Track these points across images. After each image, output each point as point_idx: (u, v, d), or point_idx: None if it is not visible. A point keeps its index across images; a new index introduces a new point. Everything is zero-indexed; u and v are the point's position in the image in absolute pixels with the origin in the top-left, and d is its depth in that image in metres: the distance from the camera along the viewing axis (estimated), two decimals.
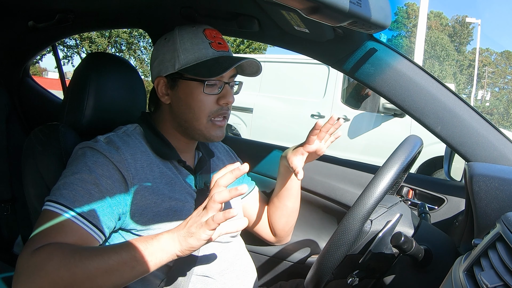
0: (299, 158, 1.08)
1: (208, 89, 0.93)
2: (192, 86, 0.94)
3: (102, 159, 0.86)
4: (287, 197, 1.17)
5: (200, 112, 0.94)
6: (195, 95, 0.94)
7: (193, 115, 0.95)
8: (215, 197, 0.73)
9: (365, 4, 0.71)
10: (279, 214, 1.20)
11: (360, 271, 0.86)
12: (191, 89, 0.94)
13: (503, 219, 0.65)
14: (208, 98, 0.94)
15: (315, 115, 4.70)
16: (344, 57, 1.09)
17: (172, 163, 0.97)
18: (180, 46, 0.94)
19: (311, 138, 1.08)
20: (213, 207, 0.73)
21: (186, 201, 0.94)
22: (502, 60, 36.51)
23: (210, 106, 0.95)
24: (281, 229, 1.22)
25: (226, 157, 1.17)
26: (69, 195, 0.80)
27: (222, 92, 0.95)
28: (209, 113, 0.95)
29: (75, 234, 0.78)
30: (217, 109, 0.95)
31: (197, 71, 0.92)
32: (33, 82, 1.91)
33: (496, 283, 0.56)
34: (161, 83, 0.97)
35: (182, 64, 0.93)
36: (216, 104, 0.95)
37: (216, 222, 0.72)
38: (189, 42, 0.94)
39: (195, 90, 0.94)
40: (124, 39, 19.81)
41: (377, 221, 0.87)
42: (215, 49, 0.94)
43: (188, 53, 0.93)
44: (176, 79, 0.95)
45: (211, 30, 0.97)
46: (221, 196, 0.73)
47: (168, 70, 0.95)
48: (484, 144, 0.97)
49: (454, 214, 1.15)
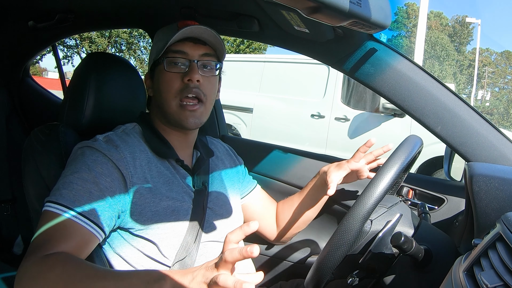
0: (340, 173, 1.05)
1: (172, 67, 0.95)
2: (160, 69, 0.97)
3: (101, 157, 0.86)
4: (312, 208, 1.18)
5: (167, 93, 0.95)
6: (162, 77, 0.96)
7: (163, 99, 0.96)
8: (226, 256, 0.62)
9: (365, 4, 0.71)
10: (293, 219, 1.19)
11: (360, 271, 0.86)
12: (160, 72, 0.97)
13: (503, 219, 0.65)
14: (173, 77, 0.94)
15: (315, 115, 4.70)
16: (344, 57, 1.09)
17: (170, 162, 0.97)
18: (156, 39, 1.01)
19: (359, 155, 1.07)
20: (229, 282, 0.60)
21: (183, 201, 0.94)
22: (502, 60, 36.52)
23: (176, 85, 0.94)
24: (289, 232, 1.22)
25: (226, 157, 1.17)
26: (69, 195, 0.81)
27: (187, 70, 0.95)
28: (175, 93, 0.94)
29: (76, 233, 0.79)
30: (183, 87, 0.94)
31: (159, 54, 0.96)
32: (33, 82, 1.91)
33: (496, 283, 0.56)
34: (147, 78, 1.03)
35: (156, 53, 0.98)
36: (182, 83, 0.94)
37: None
38: (162, 33, 1.00)
39: (161, 72, 0.96)
40: (124, 39, 19.83)
41: (377, 221, 0.87)
42: (180, 29, 0.94)
43: (160, 42, 0.98)
44: (153, 69, 1.00)
45: (186, 21, 0.97)
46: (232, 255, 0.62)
47: (150, 64, 1.01)
48: (484, 144, 0.97)
49: (454, 214, 1.15)
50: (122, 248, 0.90)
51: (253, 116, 5.11)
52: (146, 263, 0.89)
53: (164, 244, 0.89)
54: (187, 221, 0.93)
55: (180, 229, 0.92)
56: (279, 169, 1.41)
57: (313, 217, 1.20)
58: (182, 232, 0.92)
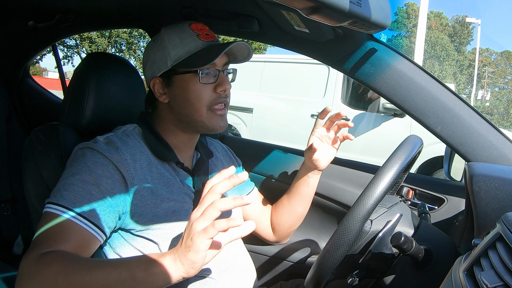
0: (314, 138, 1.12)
1: (204, 78, 0.94)
2: (187, 79, 0.94)
3: (102, 159, 0.86)
4: (300, 203, 1.18)
5: (198, 103, 0.95)
6: (191, 87, 0.94)
7: (192, 108, 0.95)
8: (217, 204, 0.68)
9: (365, 4, 0.71)
10: (286, 217, 1.20)
11: (360, 271, 0.86)
12: (186, 82, 0.95)
13: (503, 219, 0.65)
14: (205, 88, 0.95)
15: (315, 115, 4.70)
16: (344, 57, 1.09)
17: (170, 165, 0.97)
18: (169, 43, 0.95)
19: (318, 122, 1.11)
20: (211, 214, 0.68)
21: (184, 202, 0.94)
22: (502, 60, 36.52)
23: (208, 95, 0.95)
24: (284, 230, 1.22)
25: (224, 157, 1.17)
26: (70, 196, 0.81)
27: (218, 80, 0.96)
28: (208, 102, 0.95)
29: (77, 234, 0.79)
30: (215, 97, 0.95)
31: (189, 63, 0.93)
32: (33, 82, 1.91)
33: (496, 283, 0.56)
34: (156, 83, 0.98)
35: (174, 60, 0.95)
36: (213, 93, 0.95)
37: (217, 229, 0.66)
38: (177, 37, 0.95)
39: (190, 83, 0.94)
40: (124, 39, 19.83)
41: (377, 221, 0.87)
42: (203, 40, 0.95)
43: (178, 48, 0.95)
44: (170, 76, 0.96)
45: (196, 24, 0.98)
46: (224, 203, 0.68)
47: (161, 69, 0.96)
48: (484, 144, 0.97)
49: (454, 214, 1.15)
50: (123, 249, 0.90)
51: (253, 116, 5.11)
52: None
53: (165, 244, 0.89)
54: (187, 222, 0.93)
55: (180, 229, 0.92)
56: (279, 169, 1.41)
57: (305, 212, 1.20)
58: (183, 232, 0.92)
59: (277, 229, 1.22)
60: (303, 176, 1.16)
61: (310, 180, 1.15)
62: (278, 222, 1.22)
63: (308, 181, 1.15)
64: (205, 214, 0.69)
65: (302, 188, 1.16)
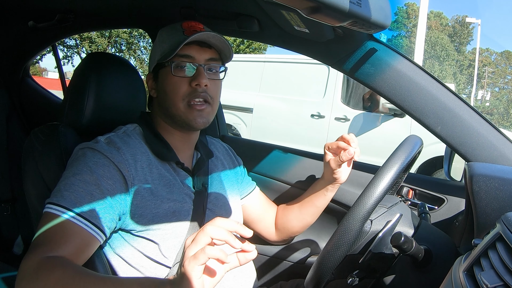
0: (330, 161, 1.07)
1: (179, 71, 0.95)
2: (166, 72, 0.96)
3: (103, 159, 0.86)
4: (312, 214, 1.18)
5: (174, 95, 0.95)
6: (168, 80, 0.96)
7: (170, 101, 0.96)
8: (207, 229, 0.64)
9: (365, 4, 0.71)
10: (294, 223, 1.20)
11: (360, 271, 0.86)
12: (166, 75, 0.97)
13: (503, 219, 0.65)
14: (181, 81, 0.95)
15: (315, 115, 4.70)
16: (344, 57, 1.09)
17: (170, 165, 0.97)
18: (159, 40, 1.00)
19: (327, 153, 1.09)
20: (202, 240, 0.63)
21: (184, 202, 0.94)
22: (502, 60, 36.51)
23: (184, 89, 0.95)
24: (288, 234, 1.23)
25: (225, 157, 1.17)
26: (70, 197, 0.80)
27: (194, 74, 0.95)
28: (183, 96, 0.95)
29: (76, 235, 0.78)
30: (191, 91, 0.95)
31: (165, 57, 0.95)
32: (33, 82, 1.91)
33: (496, 283, 0.56)
34: (149, 79, 1.02)
35: (159, 55, 0.97)
36: (189, 87, 0.95)
37: (207, 255, 0.61)
38: (166, 34, 0.99)
39: (168, 76, 0.96)
40: (124, 39, 19.81)
41: (377, 221, 0.87)
42: (187, 35, 0.94)
43: (164, 43, 0.97)
44: (157, 71, 0.99)
45: (189, 22, 0.99)
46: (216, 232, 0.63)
47: (152, 64, 1.00)
48: (484, 144, 0.97)
49: (454, 214, 1.15)
50: (123, 249, 0.90)
51: (253, 116, 5.11)
52: (147, 263, 0.89)
53: (165, 245, 0.89)
54: (187, 222, 0.93)
55: (180, 230, 0.92)
56: (279, 169, 1.41)
57: (313, 221, 1.21)
58: (183, 233, 0.92)
59: (282, 231, 1.23)
60: (321, 189, 1.15)
61: (328, 193, 1.15)
62: (284, 226, 1.22)
63: (326, 194, 1.15)
64: (196, 240, 0.64)
65: (318, 201, 1.16)
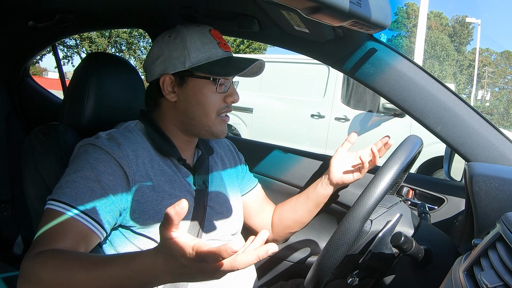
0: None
1: (219, 87, 0.96)
2: (203, 84, 0.95)
3: (104, 155, 0.87)
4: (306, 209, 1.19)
5: (209, 108, 0.96)
6: (205, 93, 0.95)
7: (202, 112, 0.96)
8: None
9: (365, 4, 0.71)
10: (288, 214, 1.20)
11: (360, 271, 0.86)
12: (201, 86, 0.95)
13: (503, 219, 0.65)
14: (218, 96, 0.97)
15: (315, 115, 4.70)
16: (344, 57, 1.09)
17: (171, 161, 0.97)
18: (191, 44, 0.94)
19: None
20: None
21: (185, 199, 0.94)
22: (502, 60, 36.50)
23: (218, 103, 0.97)
24: (283, 234, 1.23)
25: (226, 153, 1.17)
26: (71, 193, 0.81)
27: (229, 91, 0.98)
28: (218, 109, 0.97)
29: (76, 230, 0.79)
30: (224, 106, 0.98)
31: (210, 70, 0.94)
32: (33, 82, 1.91)
33: (496, 283, 0.56)
34: (167, 80, 0.96)
35: (193, 63, 0.94)
36: (223, 102, 0.98)
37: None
38: (199, 41, 0.95)
39: (205, 88, 0.95)
40: (124, 39, 19.83)
41: (377, 221, 0.87)
42: (223, 50, 0.97)
43: (199, 52, 0.95)
44: (185, 76, 0.95)
45: (215, 31, 1.00)
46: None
47: (177, 67, 0.95)
48: (484, 144, 0.97)
49: (454, 214, 1.15)
50: (123, 247, 0.90)
51: (253, 116, 5.11)
52: None
53: None
54: (188, 220, 0.93)
55: (181, 227, 0.91)
56: (279, 169, 1.41)
57: (308, 222, 1.21)
58: (183, 230, 0.92)
59: (277, 227, 1.23)
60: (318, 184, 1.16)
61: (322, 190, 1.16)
62: (279, 219, 1.22)
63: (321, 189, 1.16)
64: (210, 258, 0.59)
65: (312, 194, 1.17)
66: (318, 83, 4.75)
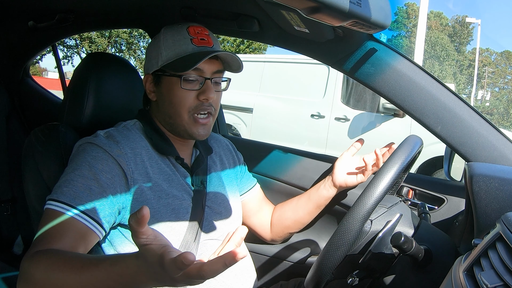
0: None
1: (187, 84, 0.93)
2: (172, 82, 0.94)
3: (101, 153, 0.87)
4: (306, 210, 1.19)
5: (180, 107, 0.94)
6: (175, 91, 0.94)
7: (174, 111, 0.95)
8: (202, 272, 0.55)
9: (365, 4, 0.71)
10: (289, 215, 1.20)
11: (360, 271, 0.86)
12: (171, 85, 0.94)
13: (503, 219, 0.65)
14: (188, 94, 0.94)
15: (315, 115, 4.70)
16: (344, 57, 1.09)
17: (170, 160, 0.97)
18: (163, 43, 0.95)
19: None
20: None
21: (183, 199, 0.94)
22: (502, 60, 36.49)
23: (190, 101, 0.94)
24: (283, 234, 1.24)
25: (225, 152, 1.16)
26: (70, 192, 0.81)
27: (203, 88, 0.94)
28: (189, 108, 0.94)
29: (76, 231, 0.79)
30: (197, 104, 0.94)
31: (175, 67, 0.93)
32: (33, 82, 1.91)
33: (496, 283, 0.56)
34: (148, 80, 0.99)
35: (164, 61, 0.94)
36: (196, 100, 0.94)
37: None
38: (171, 39, 0.95)
39: (174, 86, 0.94)
40: (124, 39, 19.84)
41: (377, 221, 0.87)
42: (195, 45, 0.94)
43: (170, 50, 0.94)
44: (159, 76, 0.96)
45: (196, 27, 0.97)
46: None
47: (153, 67, 0.97)
48: (484, 144, 0.97)
49: (454, 214, 1.15)
50: (123, 246, 0.90)
51: (253, 116, 5.11)
52: None
53: None
54: (186, 220, 0.93)
55: (179, 227, 0.92)
56: (279, 169, 1.41)
57: (308, 223, 1.22)
58: (182, 230, 0.92)
59: (276, 230, 1.23)
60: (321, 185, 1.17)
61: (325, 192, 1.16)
62: (279, 219, 1.22)
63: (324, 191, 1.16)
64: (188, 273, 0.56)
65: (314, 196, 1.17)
66: (318, 83, 4.75)
